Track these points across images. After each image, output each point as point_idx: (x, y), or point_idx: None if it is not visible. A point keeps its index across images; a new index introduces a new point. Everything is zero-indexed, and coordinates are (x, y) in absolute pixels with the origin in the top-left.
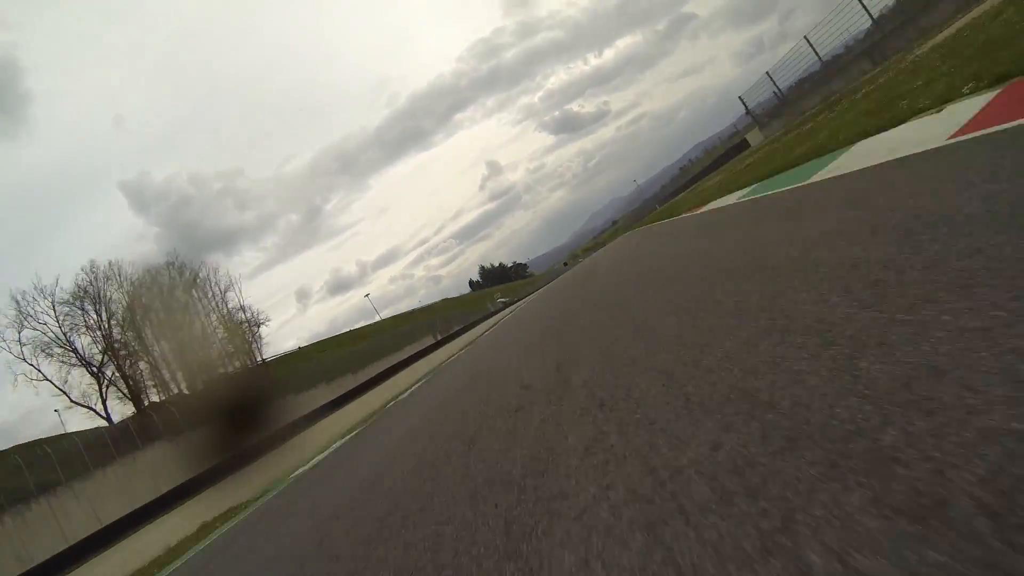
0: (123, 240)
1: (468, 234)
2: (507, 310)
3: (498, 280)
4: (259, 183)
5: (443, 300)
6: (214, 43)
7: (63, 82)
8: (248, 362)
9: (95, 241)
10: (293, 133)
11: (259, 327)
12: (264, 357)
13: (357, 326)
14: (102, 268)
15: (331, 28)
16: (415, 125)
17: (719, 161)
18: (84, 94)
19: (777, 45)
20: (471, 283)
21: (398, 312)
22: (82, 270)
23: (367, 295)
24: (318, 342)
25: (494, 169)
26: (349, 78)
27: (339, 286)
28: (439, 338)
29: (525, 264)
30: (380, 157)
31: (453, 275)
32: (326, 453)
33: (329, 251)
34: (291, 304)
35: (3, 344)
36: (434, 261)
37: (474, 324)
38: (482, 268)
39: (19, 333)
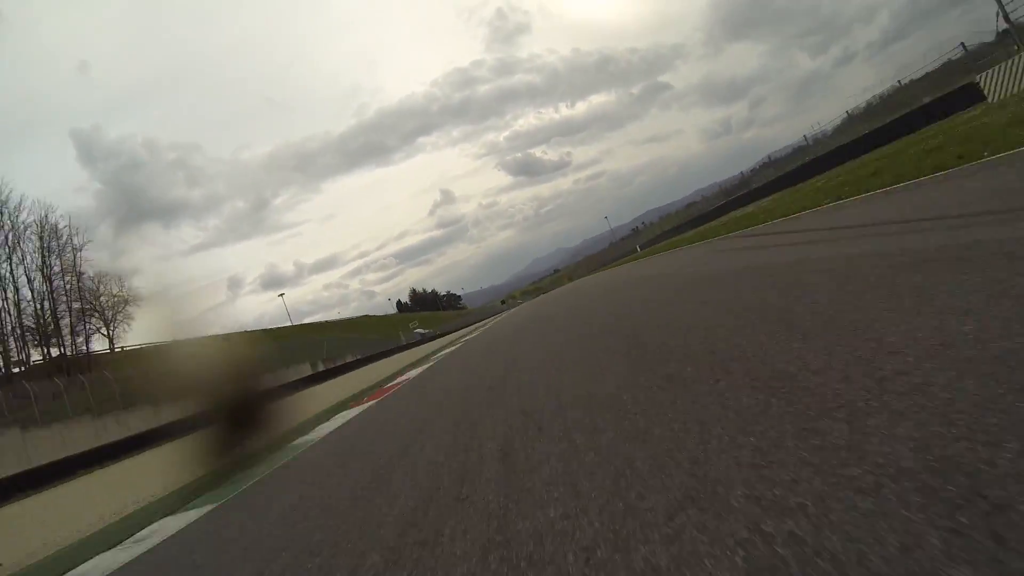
0: (61, 188)
1: (410, 256)
2: (429, 349)
3: (428, 307)
4: (213, 163)
5: (365, 316)
6: (194, 12)
7: (32, 9)
8: None
9: (31, 182)
10: (257, 121)
11: (127, 305)
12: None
13: (277, 326)
14: None
15: (313, 26)
16: (379, 140)
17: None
18: (53, 28)
19: (743, 130)
20: (399, 304)
21: (325, 319)
22: None
23: (281, 294)
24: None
25: (447, 198)
26: (323, 80)
27: (273, 282)
28: (320, 369)
29: (459, 296)
30: (338, 164)
31: (388, 292)
32: None
33: (269, 245)
34: (222, 290)
35: None
36: (371, 276)
37: (378, 356)
38: (413, 291)
39: None
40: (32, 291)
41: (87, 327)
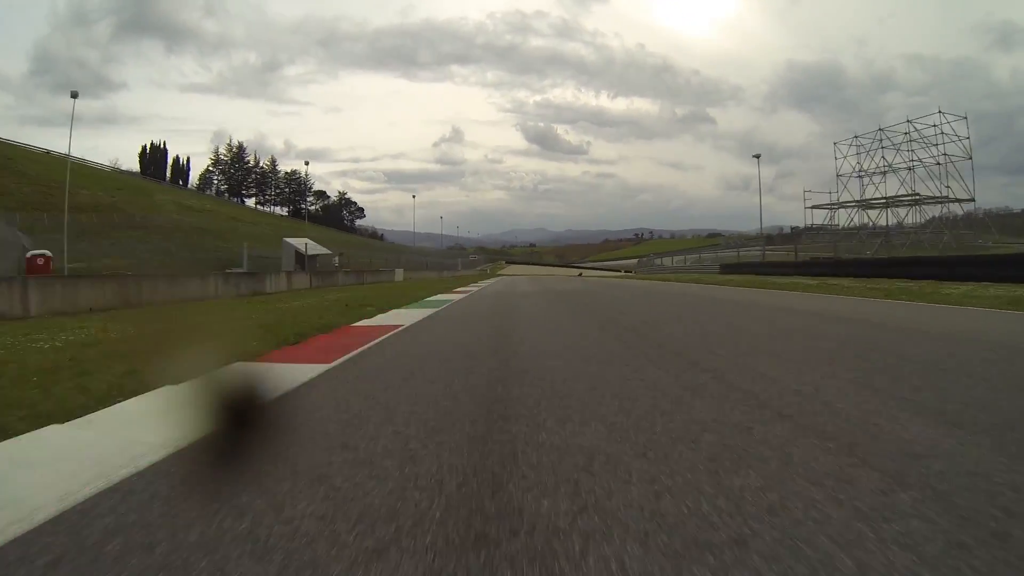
0: None
1: (399, 179)
2: None
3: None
4: (239, 1)
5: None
6: None
7: None
8: None
9: None
10: None
11: None
12: None
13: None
14: None
15: None
16: (412, 50)
17: None
18: None
19: (755, 195)
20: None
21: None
22: None
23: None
24: None
25: (457, 137)
26: None
27: (257, 152)
28: None
29: (362, 209)
30: (363, 57)
31: (364, 202)
32: None
33: (267, 114)
34: (204, 140)
35: None
36: (356, 183)
37: None
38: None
39: None
40: None
41: None
